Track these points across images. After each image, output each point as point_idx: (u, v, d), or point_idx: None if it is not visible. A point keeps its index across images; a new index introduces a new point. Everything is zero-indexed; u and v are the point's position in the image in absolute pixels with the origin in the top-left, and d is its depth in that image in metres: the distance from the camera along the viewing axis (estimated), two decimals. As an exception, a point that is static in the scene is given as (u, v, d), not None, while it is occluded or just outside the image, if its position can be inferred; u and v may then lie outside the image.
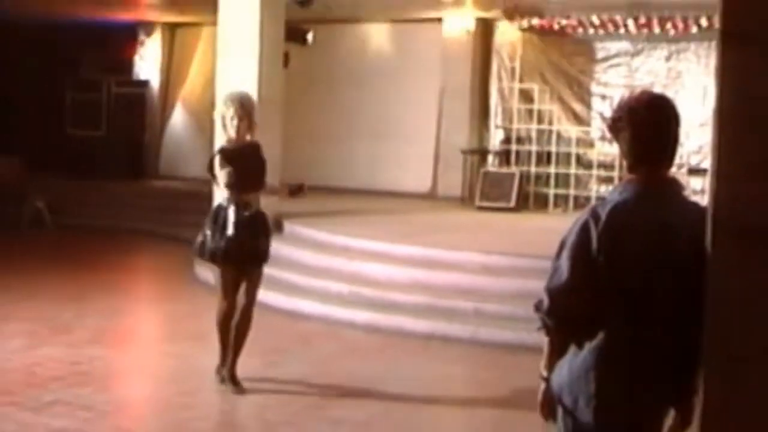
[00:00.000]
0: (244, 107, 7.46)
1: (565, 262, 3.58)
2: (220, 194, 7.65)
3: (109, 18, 18.68)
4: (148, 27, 19.73)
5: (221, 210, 7.43)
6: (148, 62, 19.79)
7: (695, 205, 3.74)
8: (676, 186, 3.76)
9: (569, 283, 3.57)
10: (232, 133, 7.44)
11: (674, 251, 3.49)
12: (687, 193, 3.96)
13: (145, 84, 19.73)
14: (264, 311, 10.35)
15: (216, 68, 13.18)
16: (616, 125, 3.70)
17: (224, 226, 7.33)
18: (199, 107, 18.22)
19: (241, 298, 7.53)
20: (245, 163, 7.40)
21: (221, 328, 7.64)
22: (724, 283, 2.86)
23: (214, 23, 13.25)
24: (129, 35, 19.70)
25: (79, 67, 20.06)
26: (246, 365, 8.34)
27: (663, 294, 3.51)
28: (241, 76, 12.47)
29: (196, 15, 17.95)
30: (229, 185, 7.28)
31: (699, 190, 13.04)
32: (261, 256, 7.57)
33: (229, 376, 7.56)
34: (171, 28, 19.87)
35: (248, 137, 7.53)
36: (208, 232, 7.41)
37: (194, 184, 15.80)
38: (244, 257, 7.42)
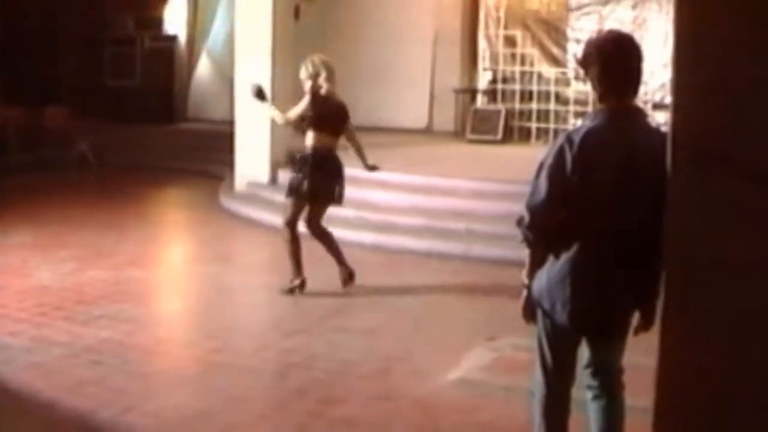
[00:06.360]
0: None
1: (543, 182, 3.56)
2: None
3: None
4: (175, -12, 19.55)
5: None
6: (175, 19, 19.60)
7: (656, 129, 3.71)
8: (640, 113, 3.73)
9: (547, 201, 3.54)
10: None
11: (639, 169, 3.46)
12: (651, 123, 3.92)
13: (173, 39, 19.54)
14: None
15: (234, 23, 13.07)
16: (587, 60, 3.65)
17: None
18: (221, 58, 18.13)
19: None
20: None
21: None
22: (681, 198, 2.86)
23: (233, -17, 13.09)
24: (159, -3, 19.54)
25: (117, 26, 19.87)
26: (268, 282, 8.37)
27: (629, 208, 3.49)
28: (257, 29, 12.36)
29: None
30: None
31: (662, 123, 12.93)
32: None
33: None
34: (195, -12, 19.68)
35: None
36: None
37: (218, 126, 15.72)
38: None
